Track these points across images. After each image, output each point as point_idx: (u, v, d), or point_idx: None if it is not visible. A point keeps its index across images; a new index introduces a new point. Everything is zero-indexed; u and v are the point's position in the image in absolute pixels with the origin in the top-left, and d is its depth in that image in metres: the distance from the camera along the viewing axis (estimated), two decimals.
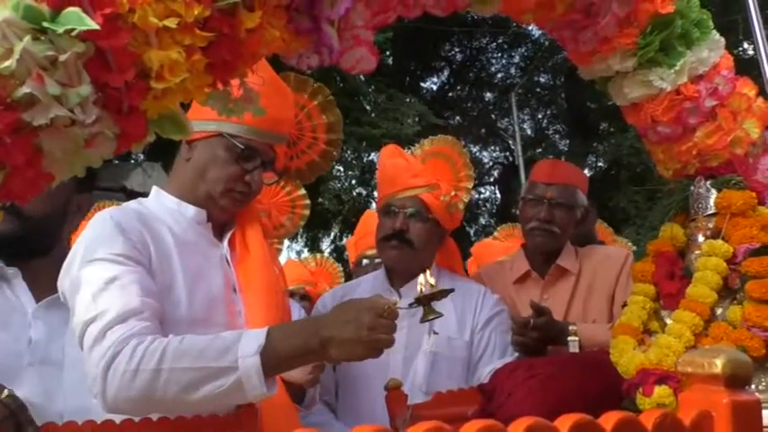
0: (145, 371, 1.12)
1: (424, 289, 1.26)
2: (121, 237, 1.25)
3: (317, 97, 1.64)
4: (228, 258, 1.44)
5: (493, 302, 1.83)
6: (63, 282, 1.27)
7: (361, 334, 1.15)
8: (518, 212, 2.13)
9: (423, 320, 1.28)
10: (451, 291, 1.34)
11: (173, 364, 1.13)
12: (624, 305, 1.38)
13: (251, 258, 1.44)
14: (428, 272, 1.32)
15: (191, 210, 1.42)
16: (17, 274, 1.46)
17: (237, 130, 1.40)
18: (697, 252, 1.29)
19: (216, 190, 1.40)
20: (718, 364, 0.46)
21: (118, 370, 1.12)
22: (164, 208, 1.41)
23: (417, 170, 1.86)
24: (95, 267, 1.21)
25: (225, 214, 1.46)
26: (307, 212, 2.36)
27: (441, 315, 1.29)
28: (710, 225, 1.30)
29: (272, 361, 1.15)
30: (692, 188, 1.35)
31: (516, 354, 1.78)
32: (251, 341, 1.16)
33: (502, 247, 3.24)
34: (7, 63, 0.74)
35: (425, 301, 1.25)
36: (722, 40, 1.32)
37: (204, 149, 1.42)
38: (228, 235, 1.47)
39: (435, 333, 1.74)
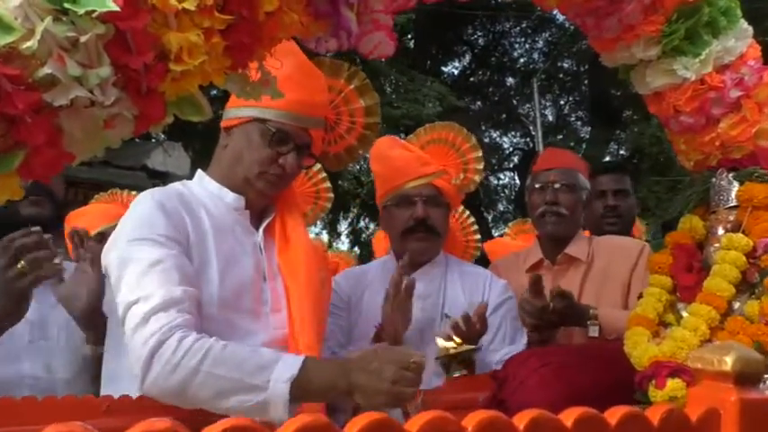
0: (185, 367, 1.16)
1: (447, 346, 1.31)
2: (163, 216, 1.30)
3: (353, 81, 1.63)
4: (262, 247, 1.45)
5: (501, 288, 1.84)
6: (107, 256, 1.31)
7: (383, 386, 1.17)
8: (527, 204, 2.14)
9: (448, 375, 1.33)
10: (478, 349, 1.40)
11: (211, 368, 1.17)
12: (640, 296, 1.37)
13: (291, 248, 1.46)
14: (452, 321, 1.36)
15: (230, 196, 1.45)
16: None
17: (270, 115, 1.42)
18: (716, 245, 1.27)
19: (251, 173, 1.43)
20: (728, 362, 0.45)
21: (162, 358, 1.16)
22: (205, 192, 1.45)
23: (426, 158, 1.87)
24: (140, 247, 1.26)
25: (263, 198, 1.48)
26: (329, 205, 2.37)
27: (465, 372, 1.34)
28: (731, 218, 1.28)
29: (300, 391, 1.18)
30: (714, 180, 1.32)
31: (525, 341, 1.78)
32: (287, 368, 1.19)
33: (513, 244, 3.26)
34: (29, 43, 0.75)
35: (452, 359, 1.31)
36: (750, 28, 1.29)
37: (240, 135, 1.46)
38: (265, 224, 1.48)
39: (447, 317, 1.76)
